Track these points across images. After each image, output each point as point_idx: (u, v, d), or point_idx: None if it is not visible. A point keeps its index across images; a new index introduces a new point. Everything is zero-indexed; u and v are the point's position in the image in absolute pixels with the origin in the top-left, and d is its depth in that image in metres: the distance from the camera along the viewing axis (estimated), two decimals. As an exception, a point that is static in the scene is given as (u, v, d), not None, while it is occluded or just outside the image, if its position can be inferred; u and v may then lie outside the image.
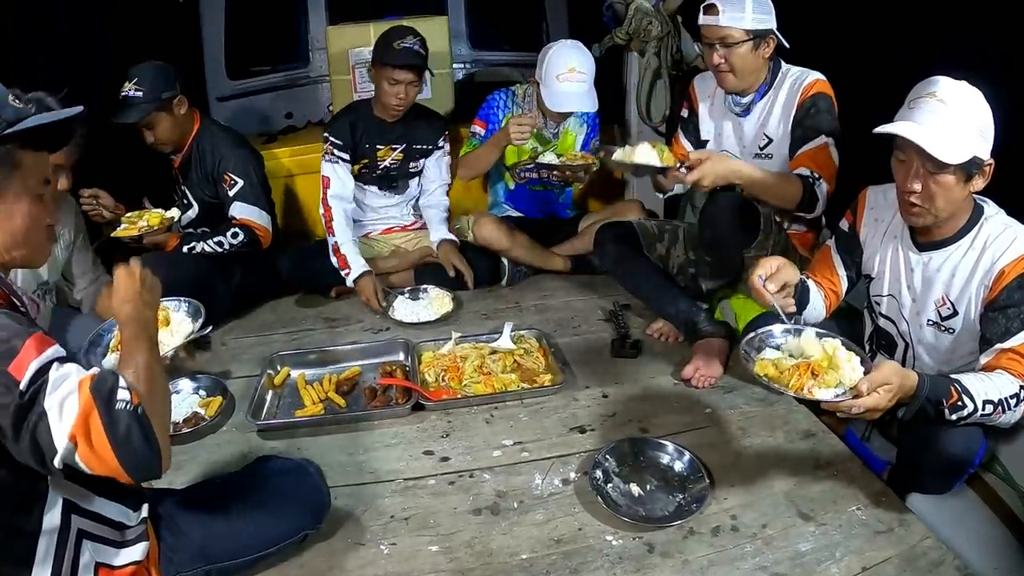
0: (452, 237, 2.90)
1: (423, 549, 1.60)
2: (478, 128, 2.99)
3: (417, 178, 2.97)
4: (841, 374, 1.50)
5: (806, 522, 1.65)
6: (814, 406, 2.05)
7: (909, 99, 1.59)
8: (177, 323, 1.82)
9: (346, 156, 2.74)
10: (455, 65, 3.69)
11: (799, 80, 2.26)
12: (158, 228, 2.39)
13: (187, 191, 2.68)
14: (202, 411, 2.09)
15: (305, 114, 3.90)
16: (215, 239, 2.55)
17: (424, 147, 2.87)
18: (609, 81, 3.19)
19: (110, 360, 1.71)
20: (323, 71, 3.80)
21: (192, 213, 2.70)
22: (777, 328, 1.68)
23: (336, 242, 2.72)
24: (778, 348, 1.65)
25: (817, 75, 2.25)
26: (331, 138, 2.73)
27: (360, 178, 2.83)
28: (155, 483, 1.60)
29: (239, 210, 2.60)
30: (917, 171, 1.57)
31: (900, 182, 1.63)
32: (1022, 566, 1.62)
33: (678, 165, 2.17)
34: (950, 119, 1.51)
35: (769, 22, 2.22)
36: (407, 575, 1.53)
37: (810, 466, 1.84)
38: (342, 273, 2.71)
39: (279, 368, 2.30)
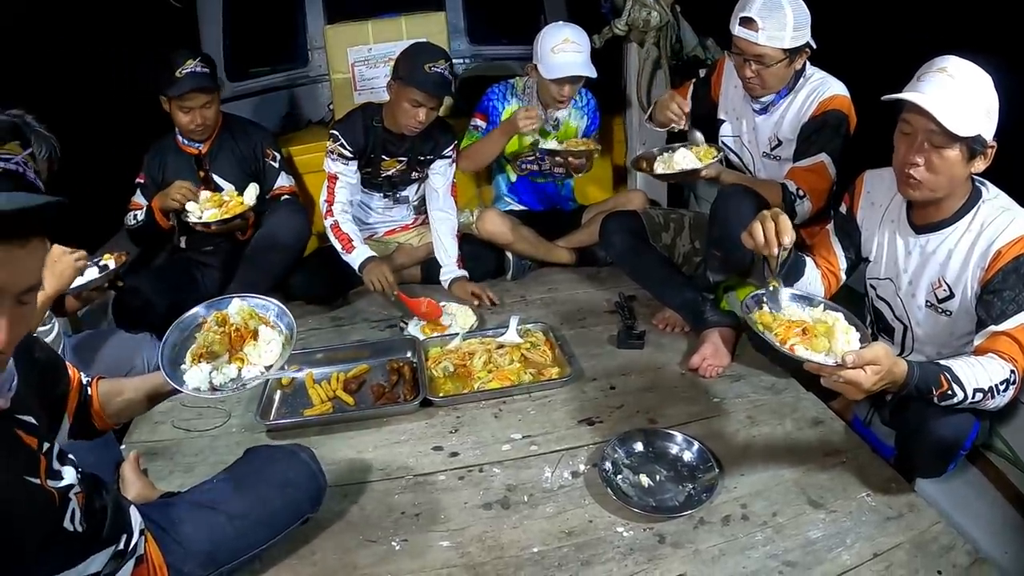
0: (463, 273, 2.81)
1: (434, 544, 1.60)
2: (479, 121, 2.98)
3: (418, 185, 2.90)
4: (834, 343, 1.48)
5: (816, 509, 1.65)
6: (823, 393, 2.06)
7: (918, 74, 1.58)
8: (266, 342, 1.55)
9: (353, 159, 2.66)
10: (454, 60, 3.68)
11: (818, 90, 2.21)
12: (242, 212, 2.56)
13: (215, 177, 2.72)
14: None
15: (306, 114, 3.91)
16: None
17: (427, 157, 2.79)
18: (609, 72, 3.18)
19: (195, 376, 1.48)
20: (322, 70, 3.80)
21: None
22: (785, 293, 1.66)
23: (336, 221, 2.67)
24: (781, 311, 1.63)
25: (837, 90, 2.19)
26: (341, 138, 2.63)
27: (362, 182, 2.78)
28: (160, 485, 1.60)
29: (285, 179, 2.84)
30: (921, 144, 1.56)
31: (902, 154, 1.62)
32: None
33: (718, 158, 2.28)
34: (959, 93, 1.51)
35: (806, 35, 2.15)
36: (419, 571, 1.54)
37: (819, 453, 1.84)
38: (346, 257, 2.66)
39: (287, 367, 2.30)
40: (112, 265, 2.07)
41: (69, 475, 1.08)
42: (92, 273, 2.05)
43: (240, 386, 1.51)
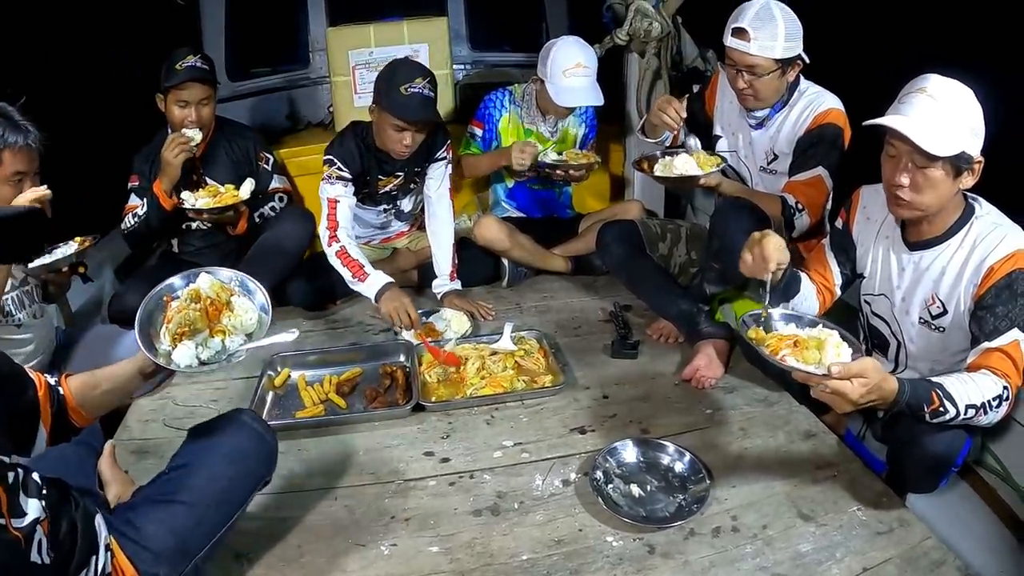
0: (456, 286, 2.74)
1: (424, 550, 1.60)
2: (476, 129, 3.00)
3: (415, 194, 2.86)
4: (824, 355, 1.48)
5: (806, 523, 1.65)
6: (816, 407, 2.06)
7: (900, 95, 1.60)
8: (243, 311, 1.49)
9: (351, 180, 2.55)
10: (455, 66, 3.69)
11: (813, 104, 2.23)
12: (234, 204, 2.55)
13: (209, 180, 2.70)
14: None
15: (305, 116, 3.91)
16: (269, 205, 2.82)
17: (422, 166, 2.72)
18: (609, 81, 3.20)
19: (183, 354, 1.40)
20: (323, 72, 3.80)
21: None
22: (777, 312, 1.67)
23: (342, 247, 2.49)
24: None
25: (832, 104, 2.21)
26: (337, 162, 2.52)
27: (361, 200, 2.72)
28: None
29: (278, 181, 2.89)
30: (905, 165, 1.58)
31: (888, 175, 1.64)
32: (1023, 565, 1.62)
33: (721, 167, 2.28)
34: (939, 114, 1.52)
35: (798, 47, 2.16)
36: (407, 576, 1.53)
37: (811, 467, 1.84)
38: (356, 286, 2.49)
39: (279, 369, 2.30)
40: (75, 247, 1.99)
41: (33, 508, 1.05)
42: (56, 254, 1.98)
43: (227, 357, 1.45)
